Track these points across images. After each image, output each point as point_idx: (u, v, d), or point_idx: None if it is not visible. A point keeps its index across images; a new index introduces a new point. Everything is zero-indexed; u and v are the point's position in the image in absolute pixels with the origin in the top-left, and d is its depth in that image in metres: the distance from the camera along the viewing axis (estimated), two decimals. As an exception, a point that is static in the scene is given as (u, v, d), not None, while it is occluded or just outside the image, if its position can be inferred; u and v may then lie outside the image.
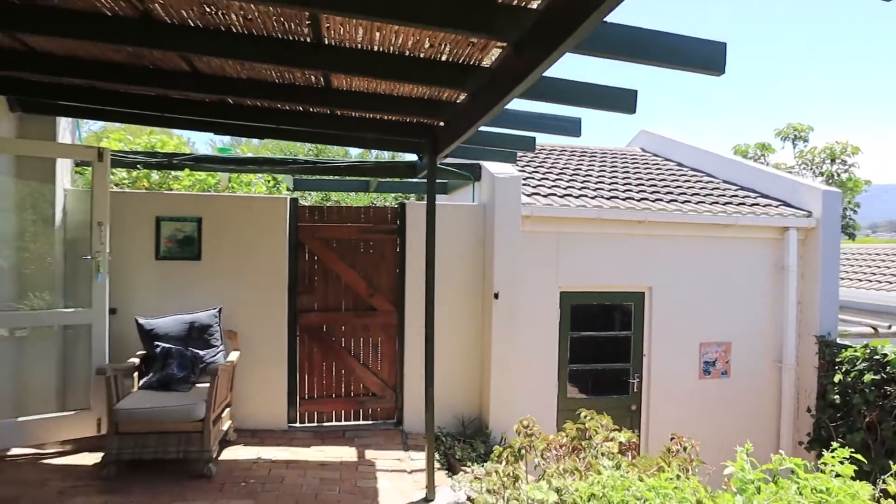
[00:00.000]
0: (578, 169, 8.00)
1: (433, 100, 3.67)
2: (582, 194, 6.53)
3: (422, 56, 2.96)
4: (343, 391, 5.65)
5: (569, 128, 3.83)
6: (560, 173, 7.50)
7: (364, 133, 4.54)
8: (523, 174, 6.96)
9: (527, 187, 6.40)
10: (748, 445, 2.16)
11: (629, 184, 7.24)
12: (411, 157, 5.78)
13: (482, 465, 4.57)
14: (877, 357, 5.42)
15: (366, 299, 5.65)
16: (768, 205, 6.94)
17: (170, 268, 5.18)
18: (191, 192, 6.66)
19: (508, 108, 3.16)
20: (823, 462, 2.31)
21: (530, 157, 8.20)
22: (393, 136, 4.50)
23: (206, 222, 5.25)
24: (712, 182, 7.87)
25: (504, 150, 4.92)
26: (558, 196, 6.34)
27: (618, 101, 3.09)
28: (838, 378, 5.69)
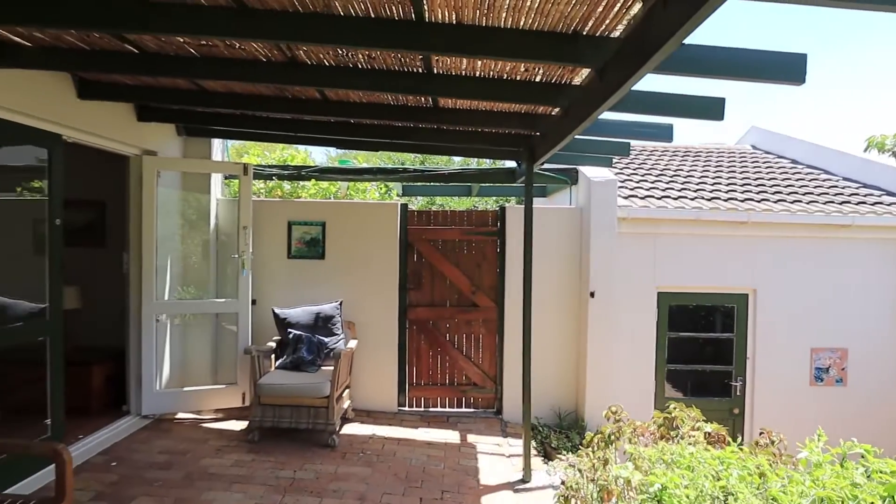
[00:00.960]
0: (680, 169, 7.92)
1: (530, 114, 4.02)
2: (681, 195, 6.52)
3: (518, 78, 3.33)
4: (447, 380, 6.14)
5: (661, 134, 4.00)
6: (660, 174, 7.49)
7: (467, 144, 4.96)
8: (621, 176, 7.08)
9: (624, 189, 6.52)
10: (821, 433, 2.28)
11: (734, 183, 7.08)
12: (511, 163, 6.13)
13: (576, 454, 4.83)
14: None
15: (469, 296, 6.10)
16: (893, 203, 6.49)
17: (299, 265, 5.96)
18: (316, 199, 7.50)
19: (601, 117, 3.35)
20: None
21: (631, 157, 8.22)
22: (493, 147, 4.91)
23: (329, 226, 5.97)
24: (829, 180, 7.44)
25: (599, 156, 5.13)
26: (656, 198, 6.39)
27: (706, 110, 3.23)
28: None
